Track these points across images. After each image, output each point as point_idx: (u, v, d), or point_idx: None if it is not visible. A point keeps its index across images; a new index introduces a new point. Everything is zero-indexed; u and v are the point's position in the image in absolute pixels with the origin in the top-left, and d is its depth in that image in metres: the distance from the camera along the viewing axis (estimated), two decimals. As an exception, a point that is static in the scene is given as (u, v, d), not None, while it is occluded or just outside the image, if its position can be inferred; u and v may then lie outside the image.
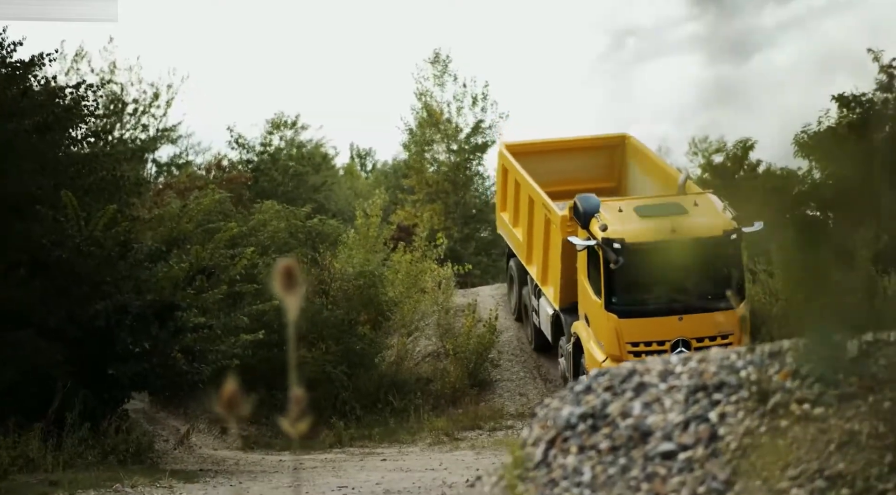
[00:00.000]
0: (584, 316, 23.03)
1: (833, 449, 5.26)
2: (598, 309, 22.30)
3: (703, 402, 5.76)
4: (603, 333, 22.20)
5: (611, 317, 22.05)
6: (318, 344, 26.75)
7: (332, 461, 22.05)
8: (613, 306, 22.08)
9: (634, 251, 21.58)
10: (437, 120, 47.67)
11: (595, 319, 22.50)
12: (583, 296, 23.01)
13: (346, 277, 27.73)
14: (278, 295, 3.12)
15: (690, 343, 21.54)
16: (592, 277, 22.47)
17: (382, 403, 26.80)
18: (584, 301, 23.00)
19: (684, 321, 21.79)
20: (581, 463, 5.69)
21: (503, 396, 28.29)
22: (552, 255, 24.34)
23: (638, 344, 21.97)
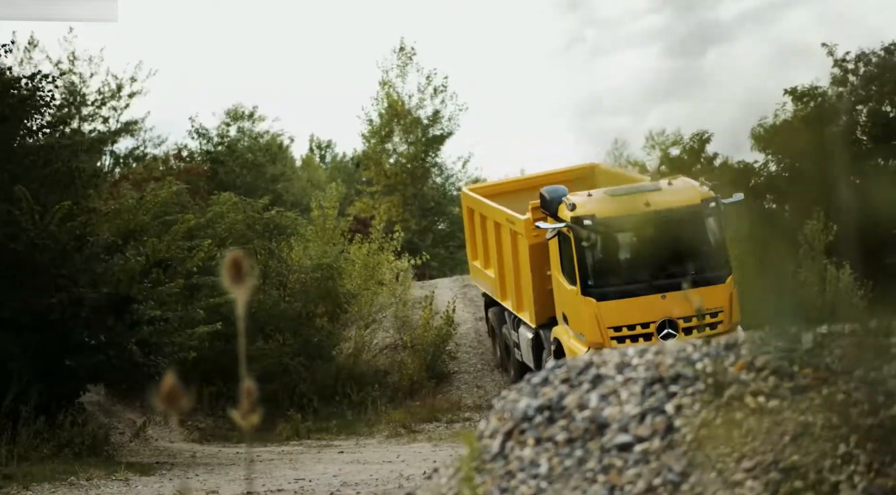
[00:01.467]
0: (561, 316, 21.53)
1: (787, 441, 5.30)
2: (574, 298, 20.80)
3: (660, 394, 5.78)
4: (583, 323, 20.65)
5: (588, 301, 20.51)
6: (275, 336, 26.69)
7: (289, 453, 22.00)
8: (590, 289, 20.52)
9: (607, 226, 20.39)
10: (398, 111, 47.64)
11: (573, 311, 21.01)
12: (558, 293, 21.61)
13: (304, 269, 27.67)
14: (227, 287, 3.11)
15: (677, 323, 20.11)
16: (565, 266, 21.06)
17: (340, 396, 26.77)
18: (560, 298, 21.56)
19: (668, 299, 20.05)
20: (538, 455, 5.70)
21: (461, 388, 28.32)
22: (523, 271, 22.95)
23: (620, 328, 20.39)
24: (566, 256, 20.92)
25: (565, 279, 21.11)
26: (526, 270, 22.61)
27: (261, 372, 24.70)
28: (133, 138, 49.08)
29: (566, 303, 21.21)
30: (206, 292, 22.39)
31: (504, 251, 24.09)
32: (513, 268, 23.39)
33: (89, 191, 23.35)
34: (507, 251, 23.79)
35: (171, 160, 44.90)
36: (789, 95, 34.80)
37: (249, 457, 20.99)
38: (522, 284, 23.05)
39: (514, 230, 23.14)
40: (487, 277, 25.66)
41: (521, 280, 23.17)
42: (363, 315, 29.33)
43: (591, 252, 20.45)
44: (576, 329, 20.90)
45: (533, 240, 21.96)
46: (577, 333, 20.79)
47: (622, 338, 20.17)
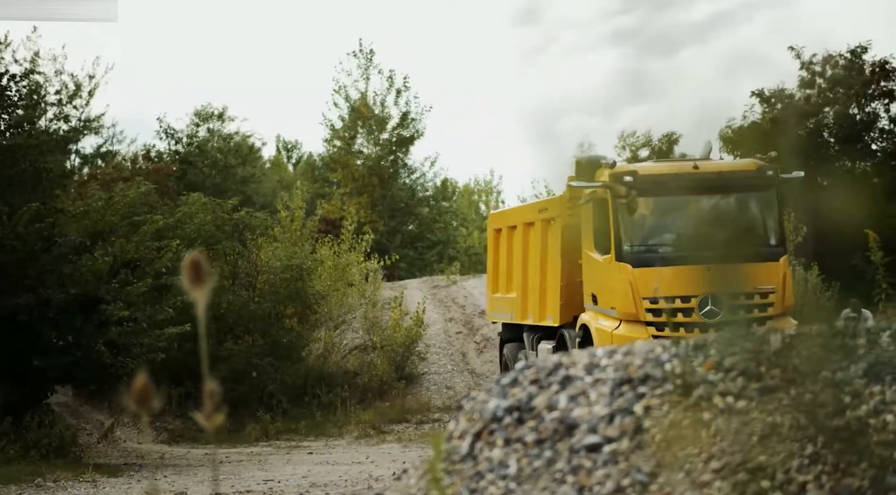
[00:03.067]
0: (590, 298, 19.19)
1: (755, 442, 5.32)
2: (607, 268, 18.69)
3: (629, 395, 5.80)
4: (615, 294, 18.51)
5: (623, 268, 18.36)
6: (244, 337, 26.64)
7: (258, 454, 21.96)
8: (625, 254, 18.41)
9: (649, 183, 18.46)
10: (360, 113, 47.61)
11: (604, 284, 18.80)
12: (589, 271, 19.34)
13: (273, 270, 27.62)
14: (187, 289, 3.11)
15: (722, 300, 17.83)
16: (599, 234, 18.90)
17: (309, 396, 26.74)
18: (590, 277, 19.30)
19: (713, 273, 17.42)
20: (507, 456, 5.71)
21: (430, 389, 28.33)
22: (551, 264, 20.80)
23: (657, 300, 18.13)
24: (601, 222, 18.87)
25: (598, 250, 19.01)
26: (555, 261, 20.55)
27: (230, 373, 24.65)
28: (97, 136, 48.86)
29: (597, 279, 19.10)
30: (175, 293, 22.31)
31: (531, 255, 22.01)
32: (539, 270, 21.34)
33: (57, 191, 23.24)
34: (535, 253, 21.72)
35: (140, 160, 44.73)
36: (756, 97, 34.99)
37: (216, 458, 20.92)
38: (549, 283, 20.98)
39: (546, 218, 21.29)
40: (508, 303, 23.27)
41: (547, 279, 21.10)
42: (332, 316, 29.30)
43: (628, 211, 18.44)
44: (607, 303, 18.76)
45: (567, 220, 20.09)
46: (608, 308, 18.70)
47: (658, 311, 18.15)
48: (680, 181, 18.31)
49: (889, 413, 5.31)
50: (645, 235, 18.79)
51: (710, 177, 18.55)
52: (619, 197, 18.40)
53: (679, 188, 18.44)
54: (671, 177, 18.46)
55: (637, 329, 18.10)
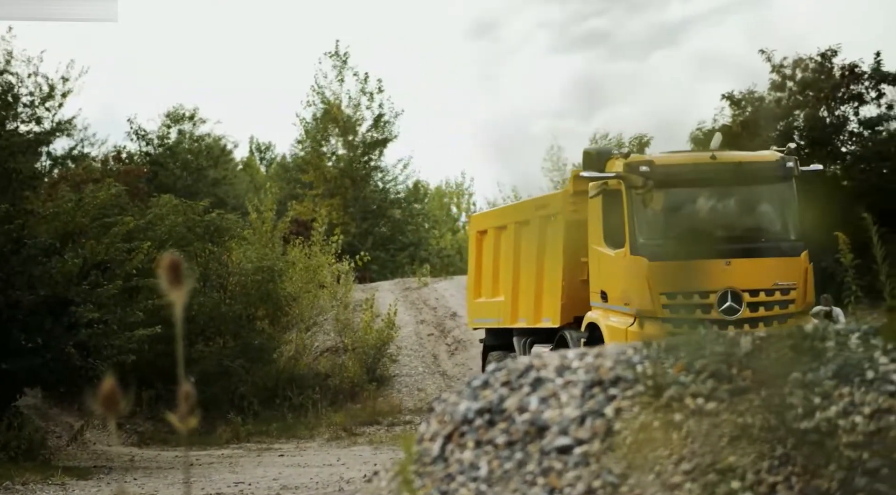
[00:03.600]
0: (599, 295, 18.22)
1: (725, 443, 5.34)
2: (620, 262, 17.78)
3: (599, 397, 5.81)
4: (630, 289, 17.59)
5: (638, 261, 17.42)
6: (215, 339, 26.58)
7: (229, 457, 21.90)
8: (642, 247, 17.48)
9: (665, 174, 17.62)
10: (334, 115, 47.58)
11: (617, 279, 17.89)
12: (598, 266, 18.41)
13: (244, 272, 27.56)
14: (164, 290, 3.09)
15: (742, 296, 17.19)
16: (611, 228, 18.03)
17: (280, 398, 26.70)
18: (600, 273, 18.36)
19: (733, 267, 17.15)
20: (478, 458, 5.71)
21: (401, 391, 28.33)
22: (552, 261, 19.84)
23: (675, 295, 17.29)
24: (613, 215, 18.00)
25: (609, 245, 18.11)
26: (556, 259, 19.61)
27: (201, 374, 24.58)
28: (69, 138, 48.63)
29: (608, 275, 18.17)
30: (146, 294, 22.22)
31: (525, 255, 21.09)
32: (535, 270, 20.44)
33: (27, 192, 23.13)
34: (530, 252, 20.80)
35: (111, 162, 44.54)
36: (727, 100, 35.15)
37: (187, 461, 20.85)
38: (547, 282, 20.04)
39: (545, 215, 20.40)
40: (494, 308, 22.27)
41: (544, 279, 20.19)
42: (304, 317, 29.28)
43: (644, 202, 17.60)
44: (619, 300, 17.83)
45: (571, 216, 19.24)
46: (621, 305, 17.77)
47: (676, 307, 17.25)
48: (698, 172, 17.62)
49: (858, 414, 5.33)
50: (662, 228, 17.88)
51: (729, 167, 17.80)
52: (634, 188, 17.59)
53: (697, 179, 17.71)
54: (689, 168, 17.76)
55: (653, 325, 17.21)
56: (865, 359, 5.71)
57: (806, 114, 33.89)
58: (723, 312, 17.15)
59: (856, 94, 34.28)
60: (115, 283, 21.22)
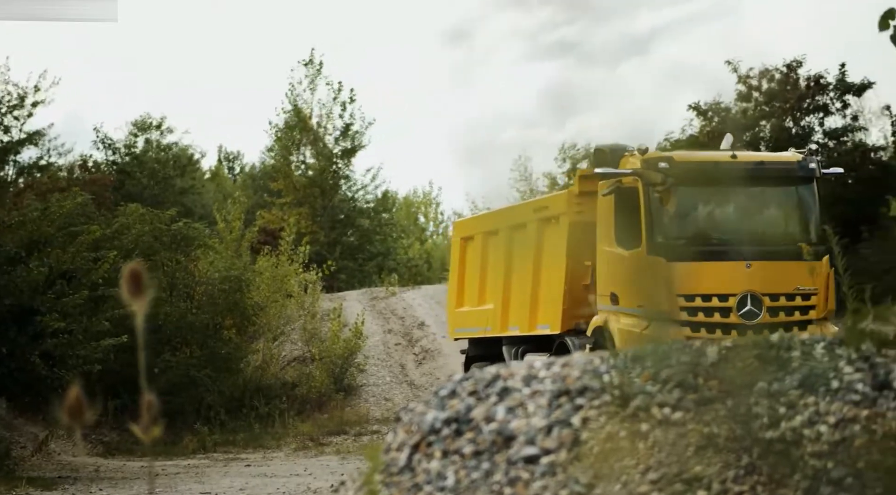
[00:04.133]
0: (609, 298, 17.46)
1: (692, 453, 5.35)
2: (635, 263, 17.10)
3: (566, 407, 5.82)
4: (646, 291, 17.05)
5: (656, 262, 16.75)
6: (182, 348, 26.47)
7: (195, 467, 21.81)
8: (660, 247, 16.84)
9: (685, 171, 16.99)
10: (305, 123, 47.54)
11: (631, 281, 17.22)
12: (608, 268, 17.68)
13: (211, 281, 27.48)
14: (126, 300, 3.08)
15: (762, 301, 16.60)
16: (624, 228, 17.36)
17: (247, 408, 26.61)
18: (610, 274, 17.62)
19: (754, 270, 16.52)
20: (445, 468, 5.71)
21: (369, 401, 28.29)
22: (552, 266, 19.05)
23: (693, 298, 16.61)
24: (627, 214, 17.31)
25: (622, 246, 17.44)
26: (558, 262, 18.80)
27: (167, 384, 24.47)
28: (37, 148, 48.36)
29: (620, 276, 17.48)
30: (112, 304, 22.12)
31: (519, 260, 20.31)
32: (532, 275, 19.67)
33: (-8, 201, 23.00)
34: (526, 257, 19.98)
35: (77, 170, 44.33)
36: (693, 110, 35.31)
37: (152, 471, 20.74)
38: (545, 288, 19.28)
39: (545, 217, 19.60)
40: (481, 316, 21.39)
41: (542, 284, 19.44)
42: (271, 327, 29.21)
43: (662, 201, 16.95)
44: (633, 302, 17.09)
45: (575, 217, 18.52)
46: (635, 307, 16.99)
47: (694, 310, 16.61)
48: (719, 170, 16.92)
49: (823, 424, 5.36)
50: (681, 227, 17.24)
51: (751, 167, 17.35)
52: (652, 185, 16.91)
53: (718, 178, 16.99)
54: (709, 166, 17.11)
55: (670, 329, 16.13)
56: (830, 368, 5.75)
57: (772, 124, 34.07)
58: (742, 316, 16.62)
59: (821, 105, 34.49)
60: (81, 293, 21.11)
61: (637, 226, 17.09)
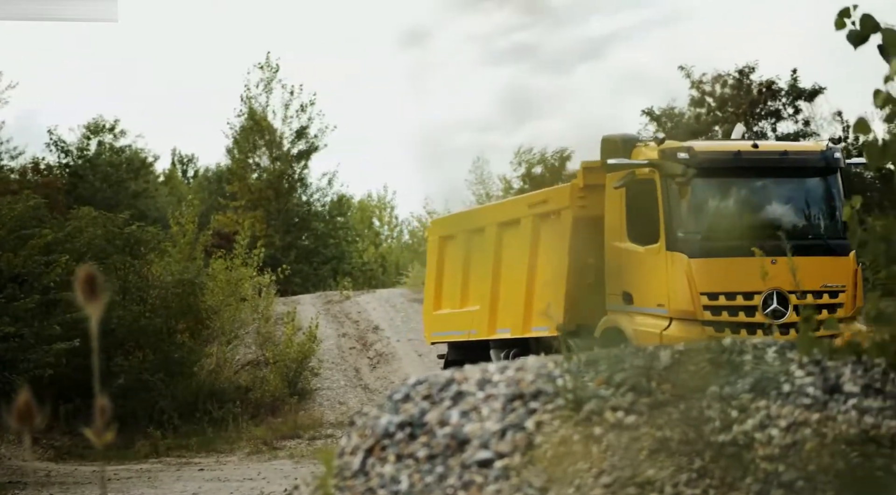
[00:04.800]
0: (622, 298, 16.76)
1: (645, 456, 5.38)
2: (652, 260, 16.33)
3: (520, 411, 5.83)
4: (665, 289, 16.10)
5: (677, 258, 16.00)
6: (135, 352, 26.31)
7: (148, 471, 21.68)
8: (680, 242, 16.05)
9: (707, 162, 16.15)
10: (261, 126, 47.40)
11: (647, 278, 16.41)
12: (619, 265, 16.89)
13: (165, 285, 27.33)
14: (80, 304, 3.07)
15: (788, 299, 15.85)
16: (638, 223, 16.58)
17: (201, 412, 26.48)
18: (622, 272, 16.85)
19: (780, 266, 14.49)
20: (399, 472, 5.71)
21: (323, 405, 28.22)
22: (551, 264, 18.11)
23: (717, 296, 15.82)
24: (642, 208, 16.52)
25: (635, 241, 16.65)
26: (559, 260, 17.82)
27: (120, 388, 24.32)
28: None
29: (633, 274, 16.69)
30: (64, 308, 21.97)
31: (510, 258, 19.37)
32: (527, 273, 18.66)
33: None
34: (519, 255, 19.00)
35: (29, 173, 43.98)
36: (647, 116, 35.51)
37: (104, 476, 20.61)
38: (543, 286, 18.34)
39: (543, 213, 18.65)
40: (464, 319, 20.43)
41: (540, 283, 18.47)
42: (225, 331, 29.08)
43: (683, 193, 16.12)
44: (650, 301, 16.33)
45: (579, 212, 17.56)
46: (653, 306, 16.27)
47: (718, 309, 15.78)
48: (740, 161, 16.18)
49: (774, 427, 5.40)
50: (702, 221, 16.35)
51: (774, 157, 16.65)
52: (671, 176, 16.09)
53: (740, 168, 16.27)
54: (731, 156, 16.29)
55: (692, 328, 15.71)
56: (782, 372, 5.80)
57: (724, 129, 34.28)
58: (768, 315, 15.83)
59: (773, 111, 34.76)
60: (33, 297, 20.97)
61: (654, 220, 16.33)
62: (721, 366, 5.87)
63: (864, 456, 5.22)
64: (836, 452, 5.24)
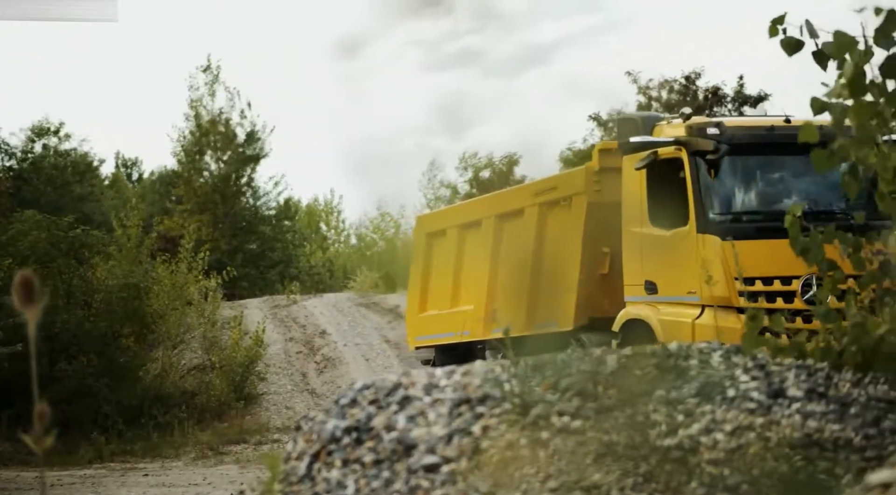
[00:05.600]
0: (644, 287, 15.62)
1: (591, 461, 5.39)
2: (679, 245, 15.24)
3: (467, 415, 5.82)
4: (696, 274, 14.57)
5: (709, 241, 14.89)
6: (79, 357, 26.09)
7: (92, 477, 21.51)
8: (712, 224, 15.00)
9: (739, 137, 15.21)
10: (206, 129, 47.20)
11: (674, 264, 15.31)
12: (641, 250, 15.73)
13: (109, 289, 27.13)
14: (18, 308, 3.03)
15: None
16: (663, 205, 15.50)
17: (146, 417, 26.30)
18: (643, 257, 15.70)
19: None
20: (345, 477, 5.69)
21: (269, 409, 28.11)
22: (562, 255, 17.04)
23: (753, 281, 14.55)
24: (667, 190, 15.46)
25: (659, 226, 15.55)
26: (572, 248, 16.78)
27: (63, 393, 24.10)
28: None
29: (657, 260, 15.60)
30: (6, 312, 21.74)
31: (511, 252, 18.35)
32: (531, 267, 17.63)
33: None
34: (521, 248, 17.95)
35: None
36: (594, 121, 35.69)
37: (44, 481, 20.42)
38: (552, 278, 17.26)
39: (552, 200, 17.61)
40: (455, 320, 19.42)
41: (547, 275, 17.43)
42: (171, 335, 28.90)
43: (714, 171, 15.07)
44: (679, 288, 15.29)
45: (594, 197, 16.56)
46: (682, 294, 15.22)
47: (754, 295, 14.17)
48: (774, 136, 15.06)
49: (719, 431, 5.43)
50: (734, 201, 15.40)
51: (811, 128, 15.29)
52: (701, 153, 15.04)
53: (773, 144, 15.16)
54: (764, 131, 15.24)
55: (726, 316, 14.54)
56: (727, 377, 5.83)
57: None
58: (807, 301, 14.47)
59: (719, 116, 35.04)
60: (-26, 301, 20.75)
61: (681, 202, 15.24)
62: (667, 371, 5.90)
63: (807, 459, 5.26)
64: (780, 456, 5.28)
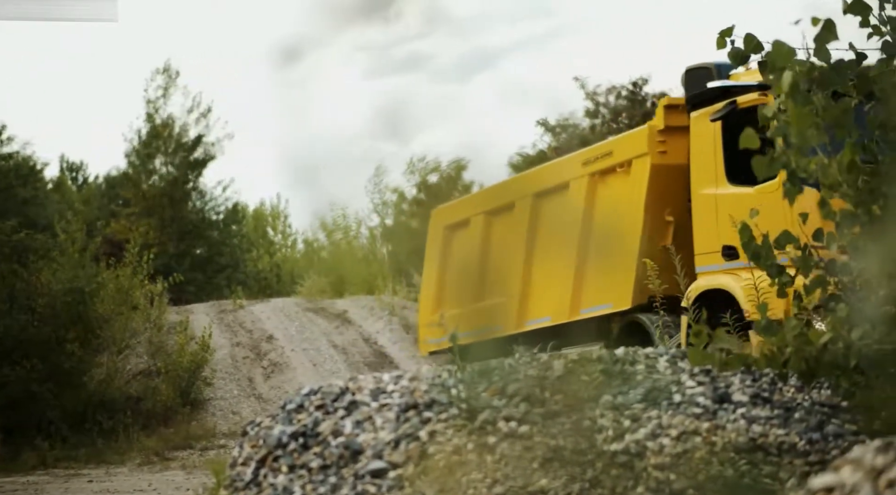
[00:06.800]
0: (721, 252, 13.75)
1: (538, 466, 5.40)
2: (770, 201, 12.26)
3: (414, 421, 5.82)
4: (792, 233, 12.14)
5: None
6: (22, 362, 25.84)
7: (35, 483, 21.31)
8: None
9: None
10: (159, 132, 46.96)
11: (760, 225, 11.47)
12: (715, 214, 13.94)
13: (54, 293, 26.89)
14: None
15: None
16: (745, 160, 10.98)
17: (90, 423, 26.08)
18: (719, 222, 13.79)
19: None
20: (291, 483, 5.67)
21: (216, 415, 27.96)
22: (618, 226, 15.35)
23: None
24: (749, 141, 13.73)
25: (739, 182, 13.76)
26: (634, 219, 15.12)
27: (7, 399, 23.88)
28: None
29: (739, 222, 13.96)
30: (-51, 316, 21.54)
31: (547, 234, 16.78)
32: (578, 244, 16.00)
33: None
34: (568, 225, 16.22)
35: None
36: (541, 127, 35.82)
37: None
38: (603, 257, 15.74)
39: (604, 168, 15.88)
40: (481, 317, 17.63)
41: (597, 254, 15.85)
42: (116, 340, 28.68)
43: None
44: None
45: (658, 159, 14.92)
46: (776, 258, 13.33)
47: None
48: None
49: (665, 436, 5.46)
50: None
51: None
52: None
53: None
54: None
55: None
56: (673, 382, 5.86)
57: None
58: None
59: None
60: (-83, 304, 20.53)
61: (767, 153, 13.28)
62: (613, 376, 5.92)
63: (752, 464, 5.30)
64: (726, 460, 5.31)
